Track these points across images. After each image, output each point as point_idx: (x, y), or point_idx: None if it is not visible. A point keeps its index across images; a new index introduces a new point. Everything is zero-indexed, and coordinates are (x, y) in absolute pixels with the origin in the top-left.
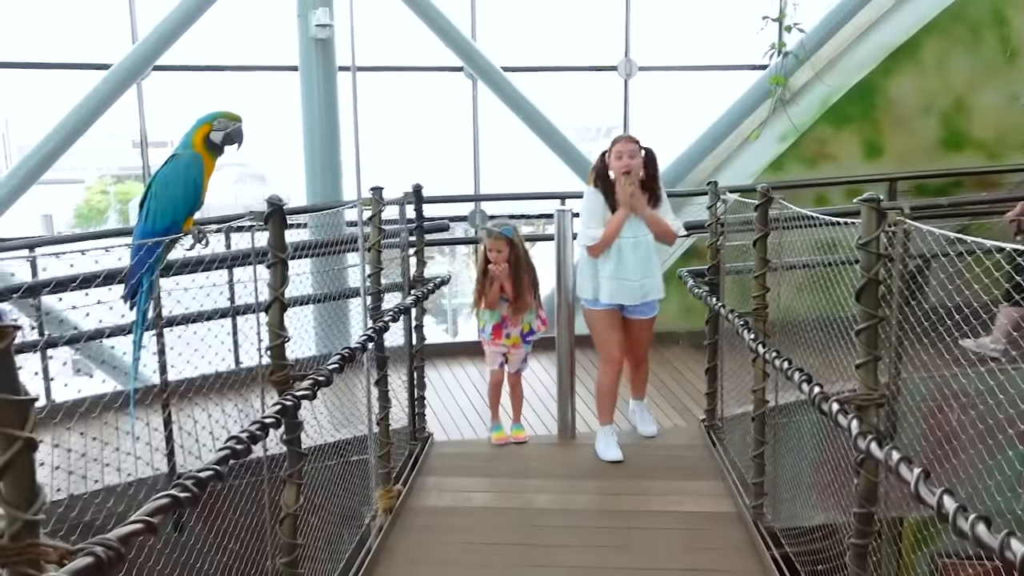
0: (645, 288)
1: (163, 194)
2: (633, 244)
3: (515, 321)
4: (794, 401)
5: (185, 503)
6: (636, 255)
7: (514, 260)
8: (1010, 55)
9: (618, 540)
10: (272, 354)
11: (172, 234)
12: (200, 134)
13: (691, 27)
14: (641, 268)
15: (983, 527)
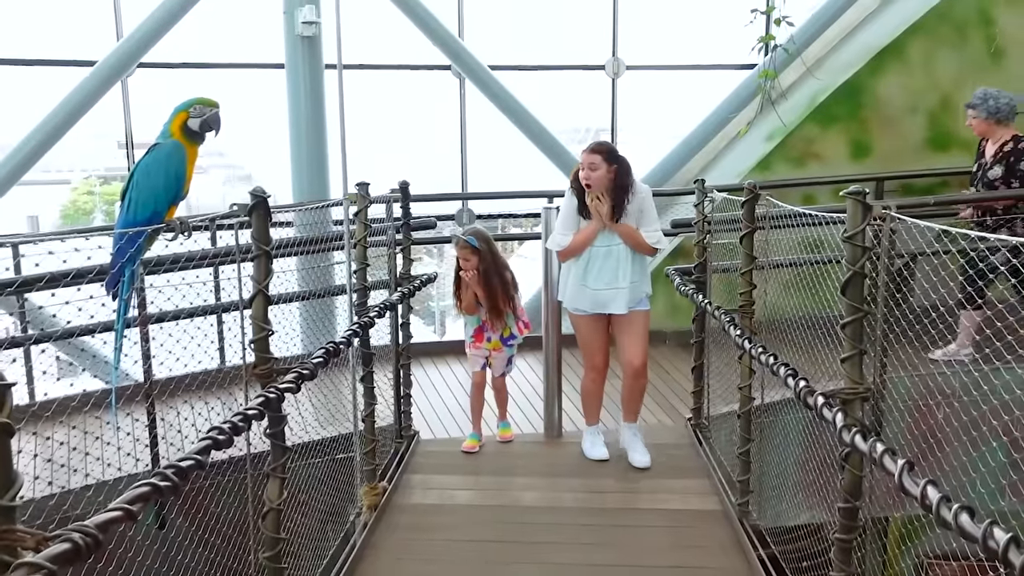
0: (606, 298)
1: (145, 184)
2: (604, 253)
3: (495, 326)
4: (780, 400)
5: (166, 492)
6: (604, 264)
7: (483, 269)
8: (994, 52)
9: (604, 538)
10: (256, 347)
11: (154, 224)
12: (177, 122)
13: (679, 26)
14: (607, 277)
15: (966, 516)
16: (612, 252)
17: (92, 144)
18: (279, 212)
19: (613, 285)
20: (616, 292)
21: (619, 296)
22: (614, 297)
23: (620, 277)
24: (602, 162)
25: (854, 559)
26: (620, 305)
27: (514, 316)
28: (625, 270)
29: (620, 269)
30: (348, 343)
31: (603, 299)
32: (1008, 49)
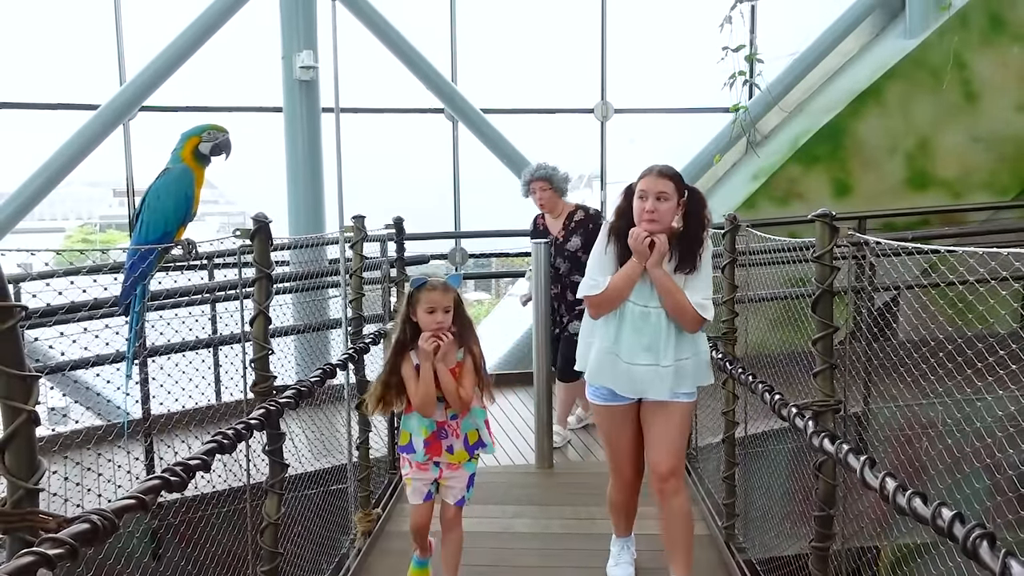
0: (643, 377)
1: (156, 206)
2: (641, 314)
3: (457, 427)
4: (764, 432)
5: (175, 486)
6: (642, 329)
7: (458, 329)
8: (968, 95)
9: (593, 562)
10: (256, 366)
11: (165, 244)
12: (189, 147)
13: (665, 71)
14: (644, 348)
15: (919, 501)
16: (651, 316)
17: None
18: (276, 251)
19: (657, 360)
20: (656, 372)
21: (661, 378)
22: (653, 378)
23: (663, 351)
24: (674, 193)
25: (831, 568)
26: (661, 390)
27: (484, 410)
28: (669, 342)
29: (663, 340)
30: (344, 366)
31: (640, 378)
32: (982, 92)
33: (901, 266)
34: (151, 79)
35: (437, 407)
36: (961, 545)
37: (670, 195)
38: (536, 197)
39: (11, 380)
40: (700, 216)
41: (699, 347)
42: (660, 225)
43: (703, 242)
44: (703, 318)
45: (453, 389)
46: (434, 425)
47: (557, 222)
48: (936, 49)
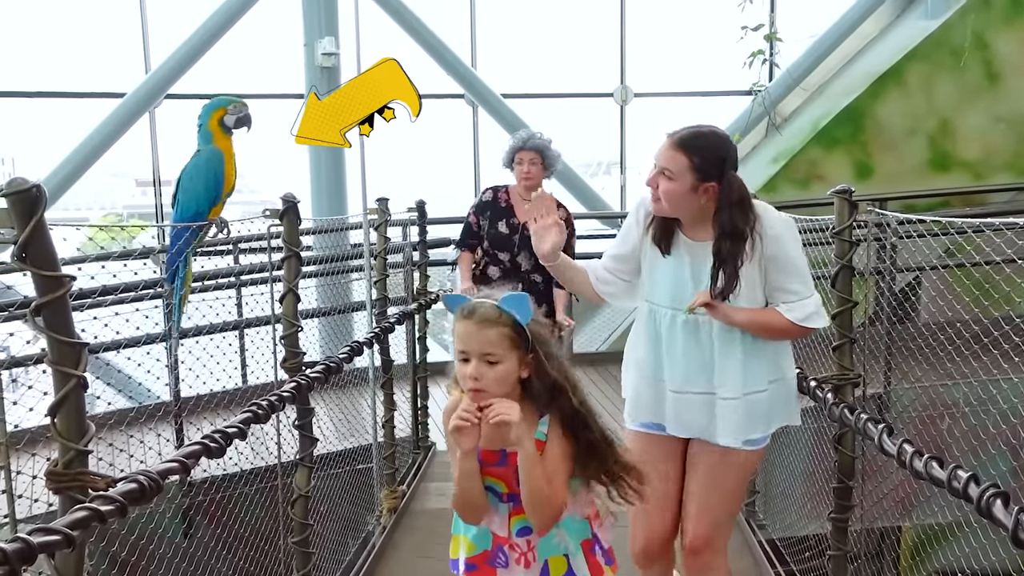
0: (696, 413)
1: (188, 187)
2: (684, 325)
3: (529, 549)
4: None
5: (214, 452)
6: (690, 348)
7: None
8: (990, 75)
9: (611, 534)
10: (286, 343)
11: (199, 222)
12: (215, 118)
13: (686, 54)
14: (698, 370)
15: (936, 464)
16: (701, 327)
17: (109, 183)
18: (302, 235)
19: (710, 387)
20: (714, 404)
21: (722, 415)
22: (709, 413)
23: (724, 377)
24: (687, 173)
25: (850, 539)
26: (724, 431)
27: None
28: (732, 364)
29: (719, 360)
30: (370, 344)
31: (691, 412)
32: (1003, 72)
33: (925, 247)
34: (176, 67)
35: (496, 510)
36: (976, 504)
37: (678, 175)
38: (522, 171)
39: (62, 347)
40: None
41: (783, 370)
42: (661, 206)
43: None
44: (811, 329)
45: (530, 486)
46: (488, 539)
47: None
48: (957, 30)
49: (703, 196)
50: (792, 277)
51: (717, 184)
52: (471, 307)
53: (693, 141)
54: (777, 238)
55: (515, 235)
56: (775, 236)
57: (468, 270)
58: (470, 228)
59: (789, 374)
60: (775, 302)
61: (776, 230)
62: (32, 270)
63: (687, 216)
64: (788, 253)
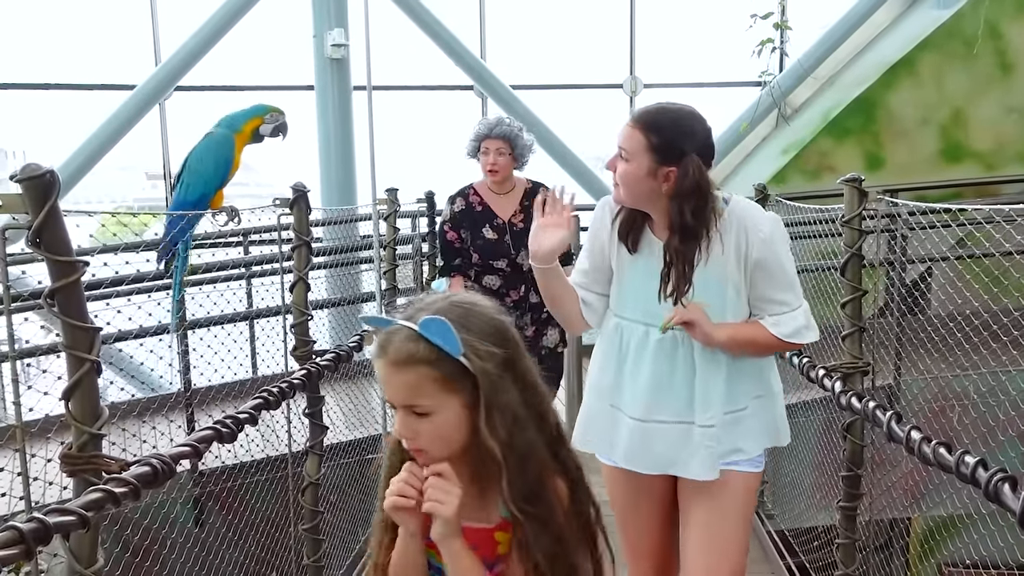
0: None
1: (197, 168)
2: (656, 343)
3: None
4: (793, 403)
5: (226, 437)
6: (661, 361)
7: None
8: (1003, 65)
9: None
10: (296, 331)
11: (202, 206)
12: (250, 126)
13: (695, 45)
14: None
15: (944, 450)
16: (679, 344)
17: (118, 176)
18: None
19: (685, 416)
20: (690, 434)
21: (699, 445)
22: (684, 445)
23: (703, 401)
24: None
25: (858, 526)
26: (701, 464)
27: None
28: (713, 385)
29: (702, 382)
30: None
31: (662, 445)
32: (1017, 63)
33: (936, 237)
34: (186, 59)
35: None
36: (984, 489)
37: (634, 156)
38: (488, 161)
39: (75, 331)
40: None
41: (768, 383)
42: (619, 193)
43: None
44: (799, 345)
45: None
46: None
47: (507, 201)
48: (970, 19)
49: (663, 182)
50: (781, 286)
51: (676, 168)
52: (383, 341)
53: (654, 117)
54: (767, 241)
55: (505, 236)
56: (765, 239)
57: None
58: (451, 247)
59: (775, 387)
60: (759, 314)
61: (765, 232)
62: (46, 255)
63: (650, 207)
64: (779, 258)
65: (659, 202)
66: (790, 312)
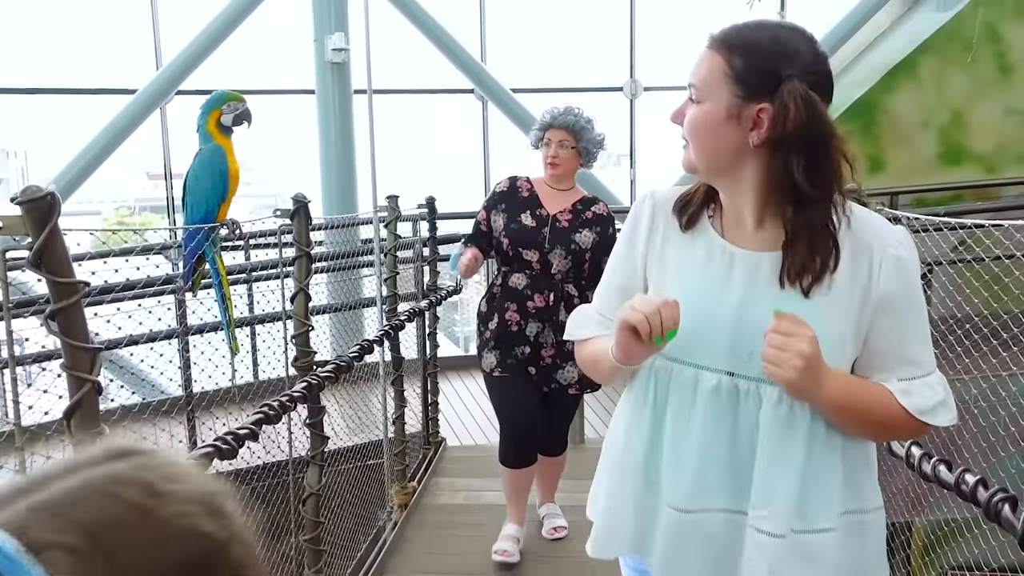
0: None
1: (195, 187)
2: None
3: None
4: None
5: (226, 453)
6: (708, 425)
7: None
8: (1004, 67)
9: None
10: (297, 342)
11: (209, 222)
12: (212, 120)
13: (695, 49)
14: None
15: (943, 468)
16: (744, 398)
17: (121, 176)
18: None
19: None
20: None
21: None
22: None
23: (761, 487)
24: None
25: None
26: None
27: None
28: (786, 474)
29: (764, 462)
30: (380, 342)
31: (698, 542)
32: (1017, 65)
33: (933, 242)
34: (187, 63)
35: None
36: (984, 508)
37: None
38: (548, 153)
39: (76, 352)
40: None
41: (866, 495)
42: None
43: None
44: (930, 427)
45: None
46: None
47: (560, 199)
48: (970, 22)
49: (751, 129)
50: (916, 336)
51: (771, 104)
52: None
53: (740, 32)
54: (900, 264)
55: (544, 227)
56: (900, 262)
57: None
58: (477, 228)
59: (873, 502)
60: (883, 375)
61: (900, 250)
62: (47, 276)
63: (732, 181)
64: (916, 295)
65: (746, 170)
66: (923, 378)
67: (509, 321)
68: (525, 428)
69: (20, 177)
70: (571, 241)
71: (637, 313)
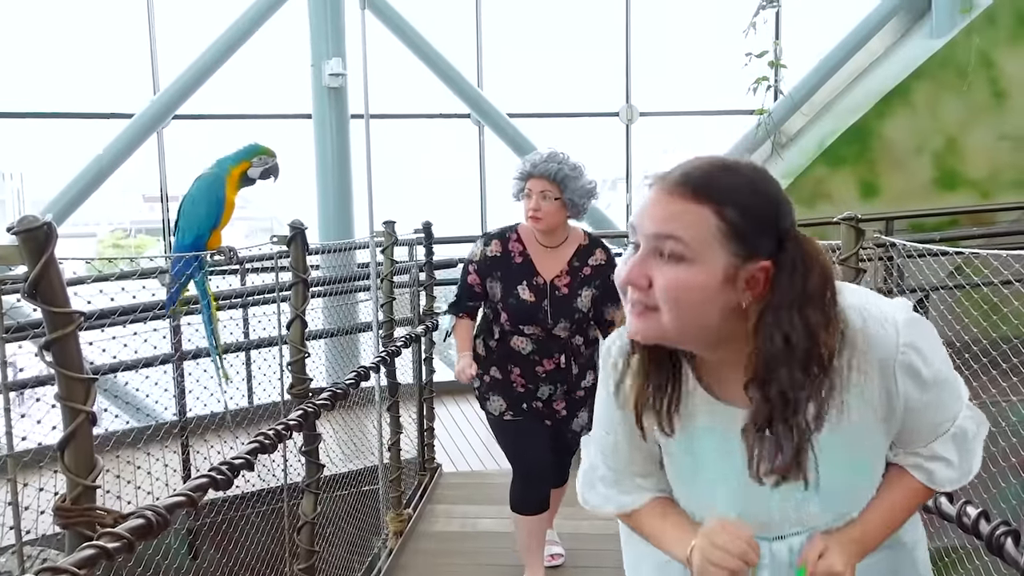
0: None
1: (190, 211)
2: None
3: None
4: None
5: (221, 484)
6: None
7: None
8: (997, 93)
9: (619, 561)
10: (293, 369)
11: (199, 247)
12: (238, 170)
13: (690, 75)
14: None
15: (944, 499)
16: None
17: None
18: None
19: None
20: None
21: None
22: None
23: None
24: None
25: None
26: None
27: None
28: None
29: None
30: (376, 369)
31: None
32: (1010, 91)
33: (930, 268)
34: (184, 88)
35: None
36: (986, 542)
37: (700, 249)
38: (531, 205)
39: (71, 382)
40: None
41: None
42: (661, 323)
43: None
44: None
45: None
46: None
47: (554, 256)
48: (963, 48)
49: (746, 291)
50: (943, 410)
51: (773, 263)
52: None
53: (718, 183)
54: (912, 369)
55: (544, 300)
56: (910, 367)
57: (468, 337)
58: (470, 291)
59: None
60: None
61: (908, 355)
62: (42, 306)
63: (711, 343)
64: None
65: (724, 332)
66: (946, 436)
67: (515, 383)
68: (543, 473)
69: (16, 199)
70: (574, 310)
71: (734, 560)
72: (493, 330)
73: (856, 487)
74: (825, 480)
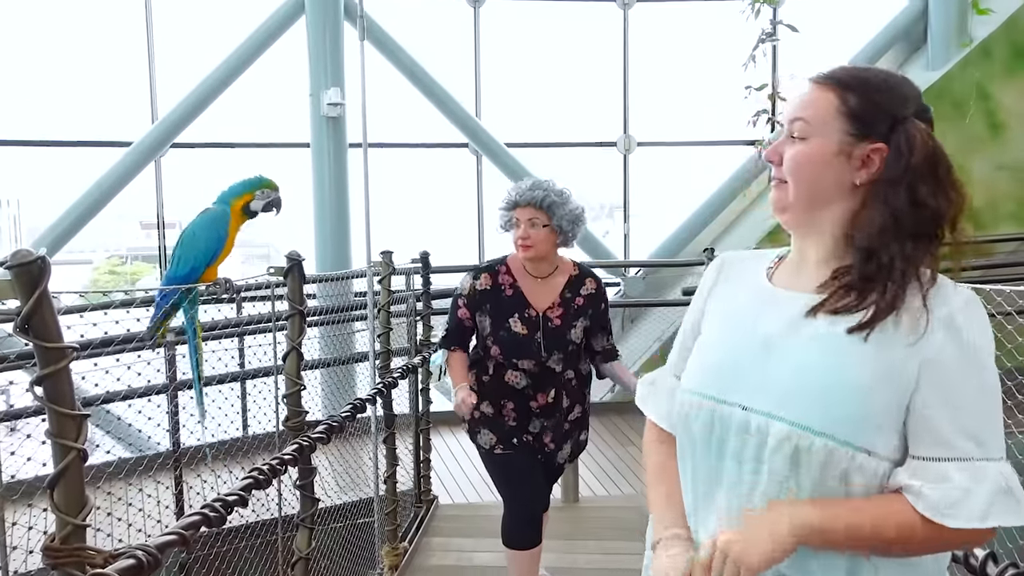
0: None
1: (189, 243)
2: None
3: None
4: None
5: (214, 521)
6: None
7: None
8: (994, 125)
9: None
10: (288, 401)
11: (192, 279)
12: (241, 201)
13: (688, 106)
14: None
15: None
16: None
17: (114, 225)
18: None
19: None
20: None
21: None
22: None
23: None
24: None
25: None
26: None
27: None
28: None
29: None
30: (373, 401)
31: None
32: (1008, 122)
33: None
34: (182, 117)
35: None
36: None
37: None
38: (519, 234)
39: (62, 418)
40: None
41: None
42: (786, 194)
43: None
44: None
45: None
46: None
47: (545, 288)
48: (959, 81)
49: (857, 169)
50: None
51: (886, 145)
52: None
53: (851, 74)
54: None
55: (536, 333)
56: (950, 320)
57: (463, 369)
58: (460, 326)
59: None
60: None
61: (951, 307)
62: (35, 342)
63: (816, 216)
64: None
65: (835, 210)
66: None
67: (507, 417)
68: (535, 508)
69: (12, 226)
70: (567, 342)
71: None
72: (486, 365)
73: (826, 401)
74: (805, 368)
